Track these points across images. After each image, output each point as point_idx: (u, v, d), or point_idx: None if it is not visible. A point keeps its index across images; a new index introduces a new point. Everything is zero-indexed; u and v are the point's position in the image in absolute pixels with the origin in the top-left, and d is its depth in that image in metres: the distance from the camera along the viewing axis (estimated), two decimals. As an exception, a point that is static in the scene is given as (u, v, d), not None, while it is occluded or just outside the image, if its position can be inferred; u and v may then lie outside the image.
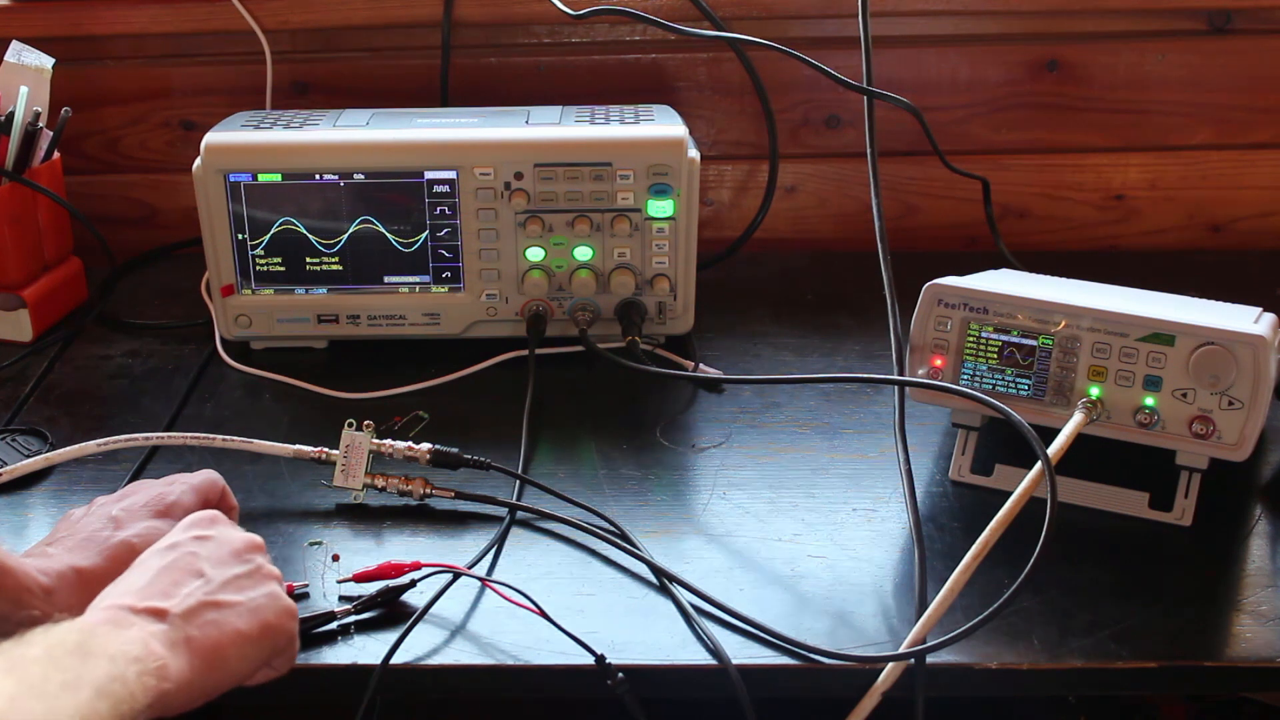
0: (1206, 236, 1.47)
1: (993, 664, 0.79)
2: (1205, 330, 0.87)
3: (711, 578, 0.86)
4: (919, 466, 0.98)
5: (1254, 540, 0.91)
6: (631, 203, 1.12)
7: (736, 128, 1.42)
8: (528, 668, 0.79)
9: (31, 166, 1.22)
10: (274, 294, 1.16)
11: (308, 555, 0.90)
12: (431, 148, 1.12)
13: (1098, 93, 1.40)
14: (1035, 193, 1.45)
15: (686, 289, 1.16)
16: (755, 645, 0.80)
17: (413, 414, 1.08)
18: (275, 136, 1.13)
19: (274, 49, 1.37)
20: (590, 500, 0.95)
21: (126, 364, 1.19)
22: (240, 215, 1.13)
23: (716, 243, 1.41)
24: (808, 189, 1.46)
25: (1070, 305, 0.91)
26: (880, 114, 1.13)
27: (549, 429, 1.06)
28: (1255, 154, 1.43)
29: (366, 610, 0.83)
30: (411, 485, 0.94)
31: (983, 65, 1.40)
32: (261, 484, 0.98)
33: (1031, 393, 0.93)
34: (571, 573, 0.88)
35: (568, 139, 1.12)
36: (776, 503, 0.96)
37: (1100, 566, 0.87)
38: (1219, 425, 0.87)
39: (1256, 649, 0.79)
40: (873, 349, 1.20)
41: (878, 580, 0.87)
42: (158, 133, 1.43)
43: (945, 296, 0.94)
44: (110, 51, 1.40)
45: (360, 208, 1.13)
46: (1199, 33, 1.39)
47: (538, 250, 1.14)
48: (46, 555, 0.79)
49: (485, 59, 1.39)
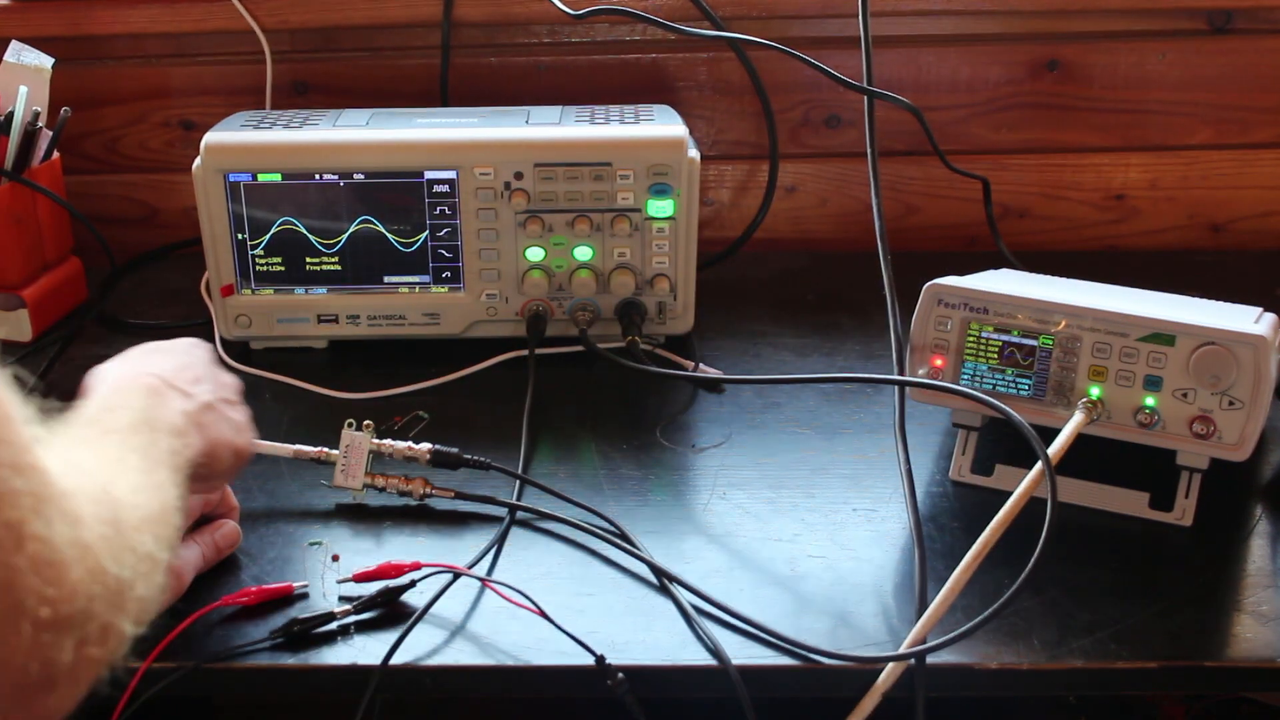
0: (1206, 236, 1.47)
1: (993, 664, 0.79)
2: (1205, 330, 0.87)
3: (711, 578, 0.86)
4: (919, 466, 0.98)
5: (1254, 540, 0.91)
6: (631, 203, 1.12)
7: (736, 128, 1.42)
8: (528, 668, 0.79)
9: (31, 166, 1.21)
10: (274, 294, 1.16)
11: (308, 555, 0.90)
12: (431, 148, 1.12)
13: (1098, 92, 1.40)
14: (1035, 193, 1.45)
15: (686, 289, 1.16)
16: (755, 645, 0.80)
17: (413, 414, 1.08)
18: (275, 136, 1.13)
19: (274, 49, 1.37)
20: (590, 500, 0.95)
21: (126, 364, 1.19)
22: (240, 215, 1.13)
23: (716, 243, 1.41)
24: (808, 189, 1.46)
25: (1070, 305, 0.91)
26: (880, 114, 1.14)
27: (549, 429, 1.06)
28: (1255, 154, 1.43)
29: (366, 610, 0.83)
30: (411, 485, 0.94)
31: (983, 65, 1.40)
32: (261, 484, 0.98)
33: (1031, 393, 0.93)
34: (571, 573, 0.88)
35: (568, 139, 1.12)
36: (776, 503, 0.96)
37: (1100, 566, 0.87)
38: (1219, 425, 0.87)
39: (1256, 649, 0.79)
40: (873, 349, 1.20)
41: (878, 580, 0.86)
42: (158, 133, 1.43)
43: (945, 296, 0.94)
44: (110, 51, 1.40)
45: (360, 208, 1.13)
46: (1199, 33, 1.39)
47: (538, 250, 1.14)
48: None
49: (485, 59, 1.39)
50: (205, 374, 0.81)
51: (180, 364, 0.80)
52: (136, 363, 0.79)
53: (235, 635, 0.81)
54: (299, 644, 0.81)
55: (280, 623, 0.81)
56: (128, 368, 0.78)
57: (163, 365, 0.78)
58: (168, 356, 0.81)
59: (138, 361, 0.79)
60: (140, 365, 0.78)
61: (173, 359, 0.80)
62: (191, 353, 0.83)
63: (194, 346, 0.85)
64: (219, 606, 0.83)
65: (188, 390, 0.77)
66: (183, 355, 0.82)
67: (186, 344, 0.84)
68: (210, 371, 0.83)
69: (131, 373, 0.76)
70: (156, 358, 0.80)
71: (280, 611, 0.83)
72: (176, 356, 0.81)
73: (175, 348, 0.83)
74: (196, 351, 0.84)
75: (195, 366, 0.81)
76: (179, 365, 0.79)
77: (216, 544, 0.87)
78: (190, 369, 0.80)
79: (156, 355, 0.81)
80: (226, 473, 0.81)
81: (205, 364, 0.83)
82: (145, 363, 0.79)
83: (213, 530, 0.87)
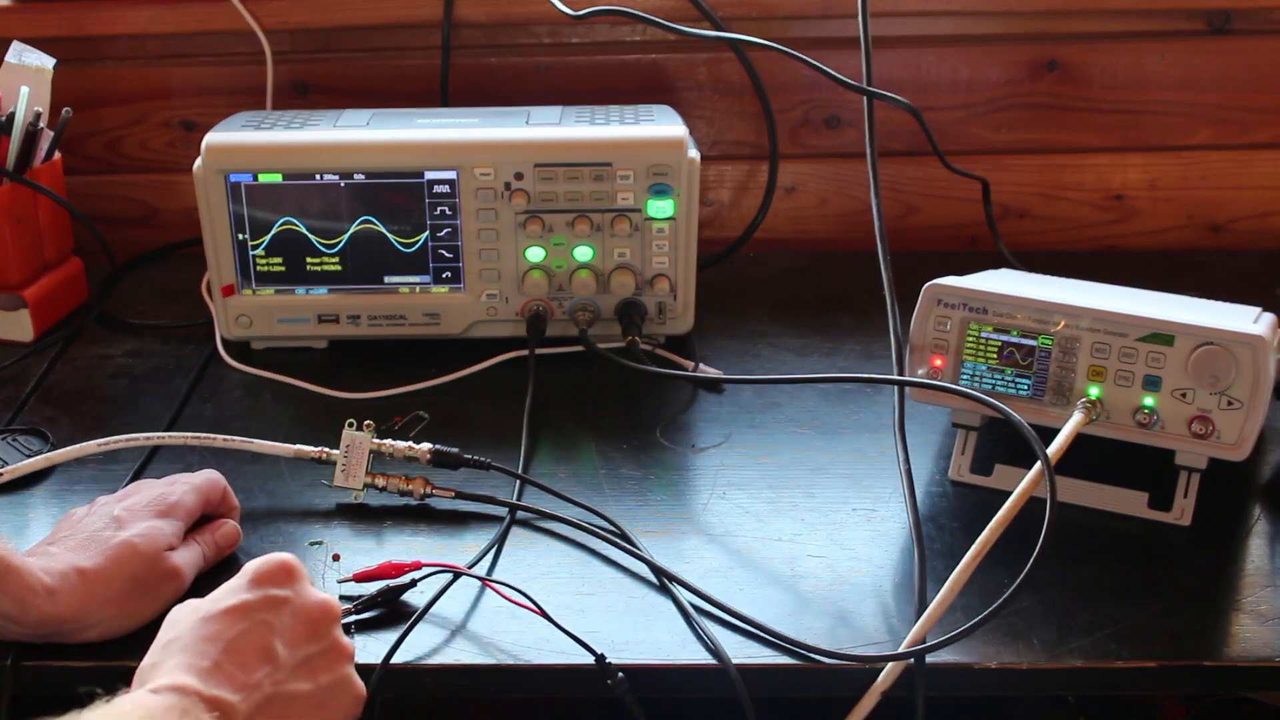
0: (1206, 236, 1.47)
1: (993, 664, 0.79)
2: (1205, 330, 0.87)
3: (711, 578, 0.86)
4: (919, 466, 0.98)
5: (1253, 540, 0.91)
6: (631, 203, 1.13)
7: (736, 128, 1.43)
8: (528, 668, 0.79)
9: (32, 167, 1.22)
10: (274, 294, 1.17)
11: (308, 555, 0.90)
12: (431, 148, 1.12)
13: (1097, 93, 1.40)
14: (1035, 193, 1.45)
15: (686, 289, 1.17)
16: (755, 645, 0.80)
17: (413, 414, 1.08)
18: (275, 137, 1.13)
19: (274, 49, 1.37)
20: (590, 500, 0.95)
21: (127, 364, 1.19)
22: (240, 215, 1.13)
23: (716, 243, 1.41)
24: (808, 189, 1.46)
25: (1070, 305, 0.91)
26: (880, 114, 1.14)
27: (549, 429, 1.06)
28: (1255, 154, 1.43)
29: (367, 610, 0.83)
30: (412, 485, 0.94)
31: (983, 65, 1.40)
32: (262, 484, 0.98)
33: (1031, 393, 0.93)
34: (571, 573, 0.88)
35: (568, 139, 1.12)
36: (776, 503, 0.96)
37: (1100, 566, 0.87)
38: (1218, 425, 0.87)
39: (1256, 649, 0.79)
40: (873, 349, 1.20)
41: (878, 580, 0.87)
42: (158, 133, 1.43)
43: (945, 296, 0.94)
44: (110, 52, 1.40)
45: (360, 208, 1.13)
46: (1199, 33, 1.39)
47: (538, 250, 1.14)
48: (49, 554, 0.79)
49: (485, 59, 1.39)
50: (271, 640, 0.66)
51: (231, 639, 0.65)
52: (181, 651, 0.64)
53: (236, 635, 0.81)
54: (299, 644, 0.81)
55: (281, 622, 0.81)
56: (169, 662, 0.64)
57: (200, 653, 0.64)
58: (208, 638, 0.65)
59: (183, 650, 0.65)
60: (171, 660, 0.64)
61: (218, 638, 0.65)
62: (254, 612, 0.67)
63: (266, 581, 0.68)
64: (219, 606, 0.83)
65: (226, 699, 0.62)
66: (233, 622, 0.66)
67: (255, 581, 0.68)
68: (285, 625, 0.67)
69: (166, 682, 0.62)
70: (201, 643, 0.65)
71: (281, 611, 0.83)
72: (232, 624, 0.66)
73: (230, 606, 0.66)
74: (264, 595, 0.68)
75: (254, 637, 0.66)
76: (228, 643, 0.65)
77: (217, 544, 0.87)
78: (247, 644, 0.65)
79: (202, 638, 0.65)
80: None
81: (273, 617, 0.67)
82: (178, 656, 0.64)
83: (213, 530, 0.87)
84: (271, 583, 0.68)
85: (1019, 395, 0.93)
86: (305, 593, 0.70)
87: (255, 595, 0.67)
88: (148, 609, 0.80)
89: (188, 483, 0.88)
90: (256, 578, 0.68)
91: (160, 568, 0.81)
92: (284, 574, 0.69)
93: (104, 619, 0.79)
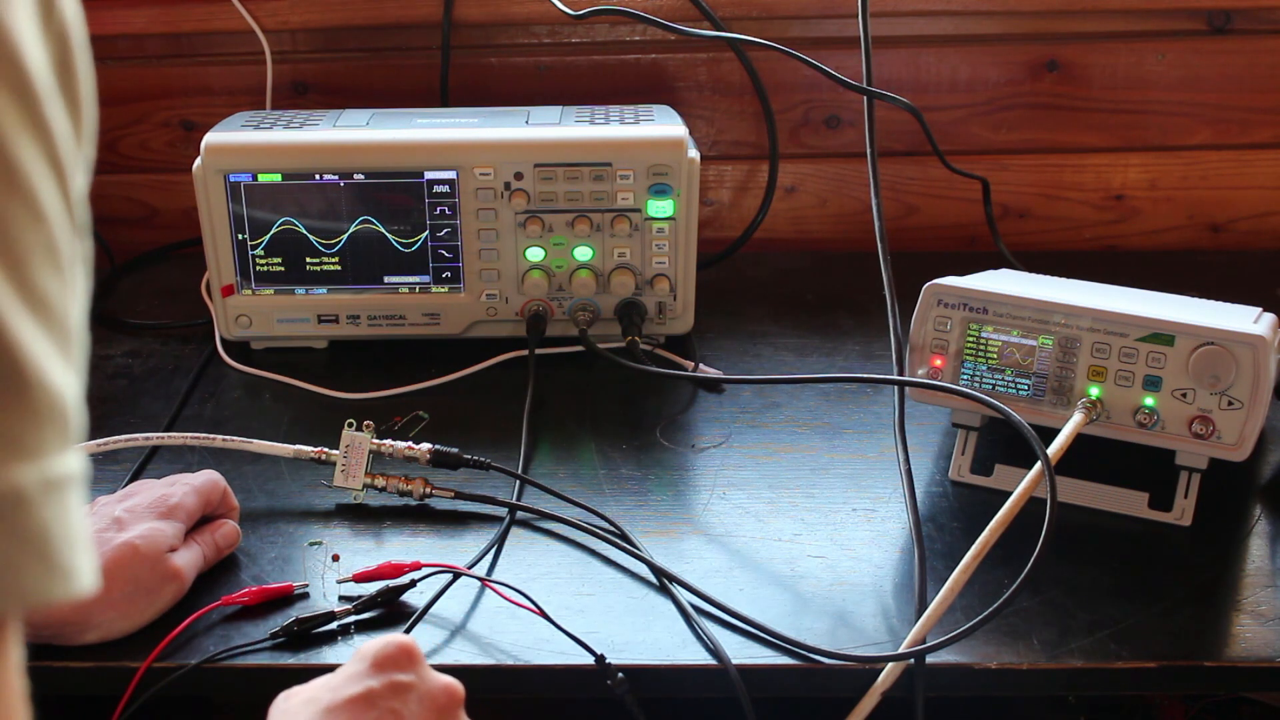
0: (1206, 236, 1.47)
1: (993, 664, 0.79)
2: (1205, 330, 0.87)
3: (711, 578, 0.86)
4: (919, 466, 0.98)
5: (1253, 540, 0.91)
6: (631, 203, 1.13)
7: (736, 128, 1.42)
8: (528, 668, 0.79)
9: (32, 166, 1.21)
10: (274, 294, 1.16)
11: (308, 555, 0.90)
12: (431, 148, 1.12)
13: (1097, 93, 1.40)
14: (1035, 193, 1.45)
15: (686, 289, 1.16)
16: (755, 645, 0.80)
17: (413, 414, 1.08)
18: (275, 136, 1.13)
19: (274, 49, 1.37)
20: (590, 500, 0.95)
21: (126, 364, 1.19)
22: (240, 215, 1.13)
23: (716, 243, 1.41)
24: (808, 189, 1.46)
25: (1070, 305, 0.91)
26: (880, 114, 1.14)
27: (549, 429, 1.06)
28: (1255, 154, 1.43)
29: (366, 610, 0.83)
30: (411, 485, 0.94)
31: (982, 65, 1.40)
32: (261, 484, 0.98)
33: (1031, 393, 0.93)
34: (571, 573, 0.88)
35: (568, 139, 1.12)
36: (776, 503, 0.96)
37: (1100, 566, 0.87)
38: (1219, 425, 0.87)
39: (1256, 649, 0.79)
40: (873, 349, 1.20)
41: (878, 580, 0.87)
42: (158, 133, 1.43)
43: (945, 296, 0.94)
44: (110, 52, 1.40)
45: (360, 208, 1.13)
46: (1199, 33, 1.39)
47: (538, 250, 1.14)
48: (48, 555, 0.79)
49: (485, 59, 1.39)
50: (410, 714, 0.63)
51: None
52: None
53: (235, 635, 0.81)
54: (299, 644, 0.81)
55: (280, 622, 0.81)
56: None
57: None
58: (357, 711, 0.62)
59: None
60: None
61: (361, 714, 0.62)
62: (379, 701, 0.63)
63: (388, 666, 0.64)
64: (219, 606, 0.83)
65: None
66: (360, 713, 0.62)
67: (376, 665, 0.64)
68: (413, 714, 0.64)
69: None
70: (339, 718, 0.62)
71: (280, 611, 0.83)
72: (358, 715, 0.62)
73: (352, 696, 0.63)
74: (388, 681, 0.64)
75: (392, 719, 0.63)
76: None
77: (217, 544, 0.87)
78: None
79: (339, 715, 0.62)
80: None
81: (399, 705, 0.63)
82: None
83: (213, 530, 0.87)
84: (395, 667, 0.65)
85: (1019, 395, 0.93)
86: (429, 677, 0.66)
87: (379, 682, 0.64)
88: (148, 610, 0.81)
89: (188, 483, 0.87)
90: (378, 661, 0.65)
91: (161, 569, 0.81)
92: (405, 658, 0.66)
93: (104, 621, 0.79)
